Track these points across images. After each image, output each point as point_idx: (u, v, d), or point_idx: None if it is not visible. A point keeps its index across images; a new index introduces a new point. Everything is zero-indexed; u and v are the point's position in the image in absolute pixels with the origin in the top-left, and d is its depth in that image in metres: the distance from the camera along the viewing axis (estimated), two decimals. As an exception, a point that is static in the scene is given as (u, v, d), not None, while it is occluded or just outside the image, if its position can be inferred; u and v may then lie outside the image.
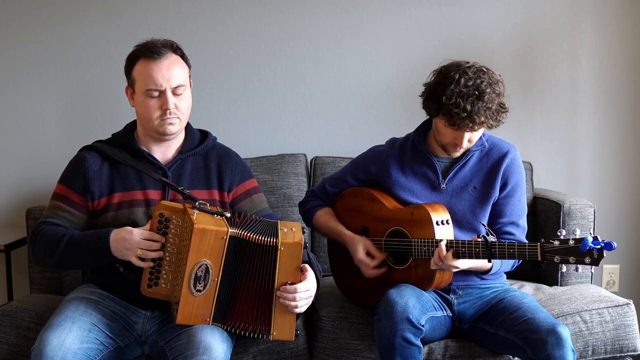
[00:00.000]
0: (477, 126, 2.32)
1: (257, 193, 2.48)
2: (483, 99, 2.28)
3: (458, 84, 2.29)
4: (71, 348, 2.07)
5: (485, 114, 2.30)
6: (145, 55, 2.30)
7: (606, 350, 2.52)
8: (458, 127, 2.33)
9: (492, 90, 2.31)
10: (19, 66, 3.28)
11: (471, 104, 2.27)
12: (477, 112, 2.28)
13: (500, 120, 2.36)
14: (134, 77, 2.33)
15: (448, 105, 2.29)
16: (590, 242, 2.08)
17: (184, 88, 2.33)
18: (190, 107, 2.38)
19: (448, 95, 2.29)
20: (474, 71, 2.32)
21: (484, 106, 2.29)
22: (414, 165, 2.51)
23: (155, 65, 2.28)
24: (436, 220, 2.36)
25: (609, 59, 3.35)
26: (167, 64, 2.30)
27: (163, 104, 2.29)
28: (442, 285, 2.42)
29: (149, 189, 2.34)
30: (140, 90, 2.31)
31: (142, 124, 2.37)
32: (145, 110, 2.31)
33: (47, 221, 2.31)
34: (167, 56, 2.31)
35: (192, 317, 2.13)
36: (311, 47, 3.31)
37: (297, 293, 2.14)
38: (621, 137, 3.39)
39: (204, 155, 2.44)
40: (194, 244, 2.08)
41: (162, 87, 2.28)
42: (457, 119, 2.30)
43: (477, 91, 2.28)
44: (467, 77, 2.30)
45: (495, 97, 2.32)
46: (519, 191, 2.49)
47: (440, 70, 2.38)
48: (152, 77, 2.28)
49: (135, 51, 2.34)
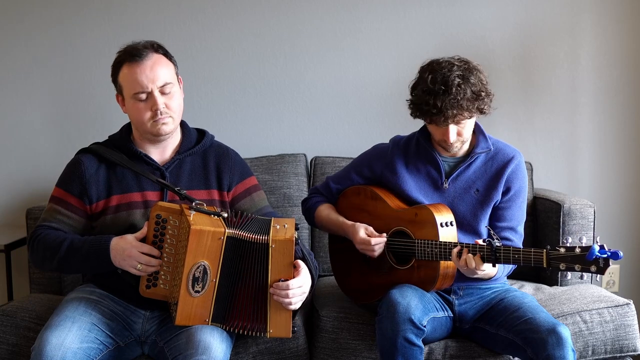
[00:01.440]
0: (452, 119, 2.33)
1: (257, 191, 2.47)
2: (450, 92, 2.29)
3: (425, 82, 2.34)
4: (71, 348, 2.07)
5: (458, 106, 2.30)
6: (128, 60, 2.30)
7: (606, 350, 2.52)
8: (436, 124, 2.35)
9: (463, 81, 2.31)
10: (18, 67, 3.28)
11: (440, 100, 2.30)
12: (446, 107, 2.30)
13: (482, 107, 2.36)
14: (121, 83, 2.32)
15: (419, 105, 2.35)
16: (597, 251, 2.07)
17: (172, 86, 2.31)
18: (182, 104, 2.36)
19: (418, 95, 2.35)
20: (444, 66, 2.34)
21: (453, 99, 2.29)
22: (417, 163, 2.51)
23: (139, 67, 2.28)
24: (440, 222, 2.35)
25: (609, 59, 3.35)
26: (150, 65, 2.29)
27: (152, 105, 2.28)
28: (445, 287, 2.42)
29: (147, 190, 2.34)
30: (129, 95, 2.30)
31: (137, 128, 2.36)
32: (136, 115, 2.31)
33: (46, 225, 2.31)
34: (149, 57, 2.30)
35: (191, 318, 2.13)
36: (311, 47, 3.31)
37: (290, 290, 2.14)
38: (621, 137, 3.39)
39: (202, 154, 2.43)
40: (191, 245, 2.08)
41: (149, 89, 2.27)
42: (430, 115, 2.33)
43: (444, 86, 2.30)
44: (436, 74, 2.33)
45: (468, 87, 2.31)
46: (520, 197, 2.48)
47: (417, 72, 2.42)
48: (137, 80, 2.27)
49: (118, 57, 2.34)
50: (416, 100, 2.36)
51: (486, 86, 2.37)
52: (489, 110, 2.40)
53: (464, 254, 2.25)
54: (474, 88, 2.33)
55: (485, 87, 2.37)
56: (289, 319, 2.19)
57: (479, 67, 2.38)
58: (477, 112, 2.37)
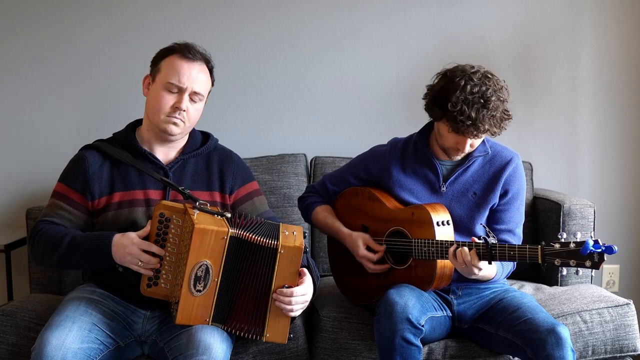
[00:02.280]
0: (481, 133, 2.32)
1: (258, 195, 2.48)
2: (488, 106, 2.28)
3: (464, 90, 2.28)
4: (71, 348, 2.07)
5: (490, 122, 2.29)
6: (181, 52, 2.33)
7: (606, 350, 2.52)
8: (462, 134, 2.33)
9: (497, 98, 2.30)
10: (18, 67, 3.28)
11: (476, 111, 2.27)
12: (481, 120, 2.28)
13: (503, 127, 2.36)
14: (160, 67, 2.34)
15: (453, 112, 2.28)
16: (591, 246, 2.08)
17: (201, 98, 2.35)
18: (198, 118, 2.39)
19: (453, 101, 2.28)
20: (479, 77, 2.31)
21: (489, 114, 2.28)
22: (415, 166, 2.51)
23: (187, 64, 2.31)
24: (437, 221, 2.36)
25: (609, 59, 3.35)
26: (198, 69, 2.33)
27: (177, 102, 2.30)
28: (442, 286, 2.42)
29: (150, 188, 2.34)
30: (161, 82, 2.31)
31: (149, 115, 2.36)
32: (157, 102, 2.31)
33: (47, 220, 2.31)
34: (200, 62, 2.35)
35: (192, 317, 2.13)
36: (311, 47, 3.31)
37: (293, 297, 2.14)
38: (621, 137, 3.39)
39: (206, 156, 2.44)
40: (194, 244, 2.08)
41: (184, 86, 2.30)
42: (462, 125, 2.29)
43: (483, 99, 2.28)
44: (473, 84, 2.29)
45: (500, 104, 2.31)
46: (518, 200, 2.49)
47: (445, 74, 2.37)
48: (179, 73, 2.30)
49: (172, 46, 2.37)
50: (450, 107, 2.28)
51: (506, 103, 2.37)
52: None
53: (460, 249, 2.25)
54: (503, 106, 2.33)
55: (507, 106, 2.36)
56: (287, 326, 2.19)
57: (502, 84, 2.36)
58: (499, 131, 2.36)
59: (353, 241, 2.50)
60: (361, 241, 2.48)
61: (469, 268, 2.26)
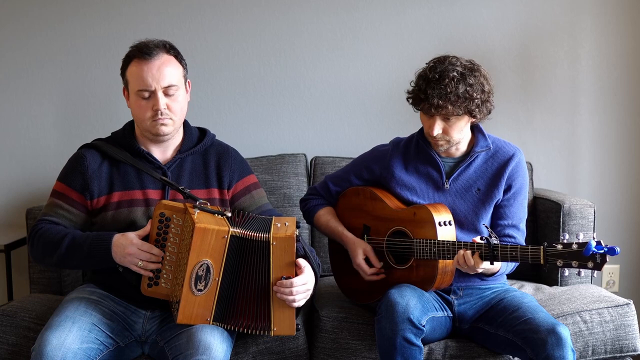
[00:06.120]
0: (435, 109, 2.32)
1: (257, 189, 2.48)
2: (442, 82, 2.30)
3: (425, 69, 2.37)
4: (71, 348, 2.07)
5: (444, 97, 2.30)
6: (137, 56, 2.30)
7: (606, 350, 2.52)
8: (421, 110, 2.38)
9: (460, 77, 2.32)
10: (18, 67, 3.28)
11: (430, 87, 2.32)
12: (433, 94, 2.31)
13: (471, 109, 2.35)
14: (127, 78, 2.33)
15: (413, 90, 2.39)
16: (594, 247, 2.07)
17: (176, 88, 2.31)
18: (185, 107, 2.36)
19: (415, 80, 2.39)
20: (452, 61, 2.36)
21: (442, 90, 2.30)
22: (417, 164, 2.51)
23: (146, 65, 2.28)
24: (438, 221, 2.36)
25: (609, 59, 3.35)
26: (158, 65, 2.29)
27: (154, 104, 2.28)
28: (444, 286, 2.42)
29: (149, 188, 2.34)
30: (133, 91, 2.31)
31: (137, 124, 2.37)
32: (137, 111, 2.31)
33: (47, 219, 2.31)
34: (159, 56, 2.30)
35: (193, 317, 2.13)
36: (311, 47, 3.31)
37: (293, 287, 2.14)
38: (621, 137, 3.39)
39: (203, 153, 2.43)
40: (195, 243, 2.08)
41: (152, 88, 2.27)
42: (417, 99, 2.37)
43: (438, 75, 2.32)
44: (438, 65, 2.35)
45: (462, 85, 2.31)
46: (522, 195, 2.49)
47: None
48: (142, 78, 2.27)
49: (129, 52, 2.34)
50: (412, 85, 2.40)
51: (486, 93, 2.37)
52: (480, 116, 2.39)
53: (461, 251, 2.26)
54: (469, 89, 2.32)
55: (483, 93, 2.36)
56: (293, 317, 2.18)
57: (485, 74, 2.38)
58: (466, 113, 2.36)
59: (354, 249, 2.50)
60: (361, 251, 2.49)
61: (471, 269, 2.27)
